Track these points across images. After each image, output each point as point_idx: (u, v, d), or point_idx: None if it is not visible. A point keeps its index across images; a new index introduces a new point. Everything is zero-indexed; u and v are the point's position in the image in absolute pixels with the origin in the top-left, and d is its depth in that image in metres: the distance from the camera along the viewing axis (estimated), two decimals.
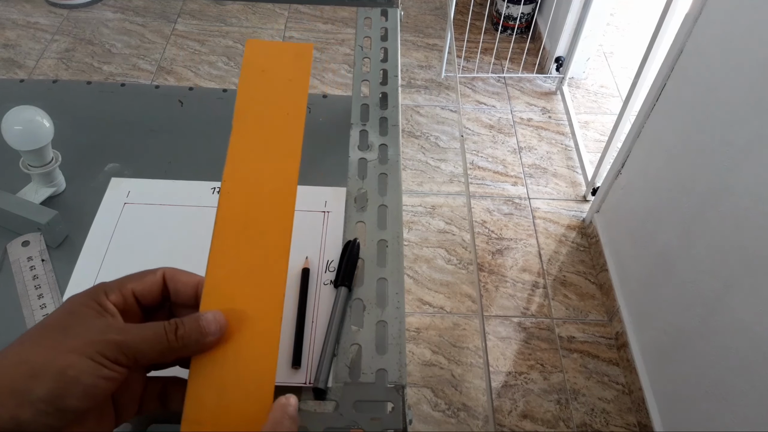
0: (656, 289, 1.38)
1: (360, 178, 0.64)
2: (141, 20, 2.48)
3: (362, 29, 0.81)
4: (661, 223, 1.37)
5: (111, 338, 0.32)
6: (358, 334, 0.52)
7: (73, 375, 0.31)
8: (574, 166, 2.01)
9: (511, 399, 1.46)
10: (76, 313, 0.34)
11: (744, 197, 1.07)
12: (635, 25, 2.61)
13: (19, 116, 0.60)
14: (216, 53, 2.34)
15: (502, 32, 2.50)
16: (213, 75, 2.25)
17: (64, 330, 0.33)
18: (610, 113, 2.20)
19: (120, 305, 0.35)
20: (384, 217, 0.61)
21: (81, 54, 2.30)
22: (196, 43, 2.38)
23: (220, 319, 0.36)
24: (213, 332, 0.35)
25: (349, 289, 0.56)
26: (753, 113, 1.06)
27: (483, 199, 1.89)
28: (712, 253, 1.16)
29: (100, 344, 0.32)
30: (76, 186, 0.67)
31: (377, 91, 0.74)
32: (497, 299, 1.64)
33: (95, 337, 0.32)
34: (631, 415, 1.44)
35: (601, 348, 1.55)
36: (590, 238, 1.78)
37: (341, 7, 2.43)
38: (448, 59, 2.26)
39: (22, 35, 2.36)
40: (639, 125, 1.49)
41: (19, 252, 0.60)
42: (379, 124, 0.70)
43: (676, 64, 1.33)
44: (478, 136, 2.10)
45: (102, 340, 0.32)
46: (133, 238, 0.62)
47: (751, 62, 1.07)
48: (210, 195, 0.67)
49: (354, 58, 0.77)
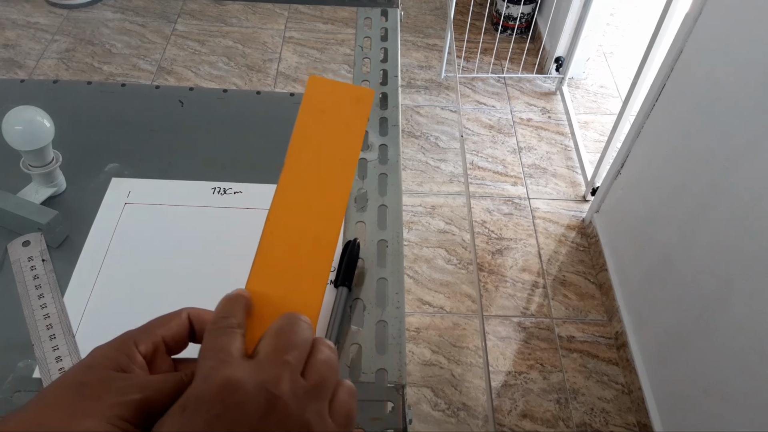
0: (656, 289, 1.38)
1: (360, 178, 0.65)
2: (141, 20, 2.48)
3: (362, 29, 0.81)
4: (661, 223, 1.38)
5: (132, 399, 0.30)
6: (358, 334, 0.53)
7: None
8: (574, 166, 2.01)
9: (511, 399, 1.46)
10: (95, 368, 0.31)
11: (744, 197, 1.07)
12: (635, 25, 2.61)
13: (19, 116, 0.60)
14: (216, 53, 2.34)
15: (502, 32, 2.50)
16: (213, 75, 2.25)
17: (81, 388, 0.30)
18: (610, 113, 2.20)
19: (149, 355, 0.33)
20: (384, 217, 0.61)
21: (81, 54, 2.30)
22: (197, 43, 2.38)
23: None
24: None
25: (349, 289, 0.56)
26: (753, 113, 1.06)
27: (483, 199, 1.89)
28: (712, 253, 1.16)
29: (121, 406, 0.29)
30: (77, 186, 0.67)
31: (377, 91, 0.74)
32: (497, 299, 1.64)
33: (115, 399, 0.30)
34: (630, 415, 1.44)
35: (600, 348, 1.55)
36: (590, 238, 1.78)
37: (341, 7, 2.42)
38: (448, 59, 2.26)
39: (22, 35, 2.36)
40: (639, 125, 1.49)
41: (20, 252, 0.60)
42: (379, 124, 0.70)
43: (676, 64, 1.33)
44: (478, 136, 2.10)
45: (122, 401, 0.30)
46: (134, 238, 0.62)
47: (751, 62, 1.07)
48: (210, 195, 0.67)
49: (354, 58, 0.77)
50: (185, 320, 0.36)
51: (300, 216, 0.38)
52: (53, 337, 0.54)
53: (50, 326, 0.54)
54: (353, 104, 0.40)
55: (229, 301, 0.35)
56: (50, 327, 0.54)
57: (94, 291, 0.58)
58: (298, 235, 0.38)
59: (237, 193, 0.67)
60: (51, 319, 0.55)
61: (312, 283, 0.37)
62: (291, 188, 0.38)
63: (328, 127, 0.39)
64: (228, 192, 0.68)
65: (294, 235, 0.38)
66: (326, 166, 0.39)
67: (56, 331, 0.54)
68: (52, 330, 0.54)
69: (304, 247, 0.38)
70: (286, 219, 0.38)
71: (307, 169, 0.39)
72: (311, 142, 0.39)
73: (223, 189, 0.68)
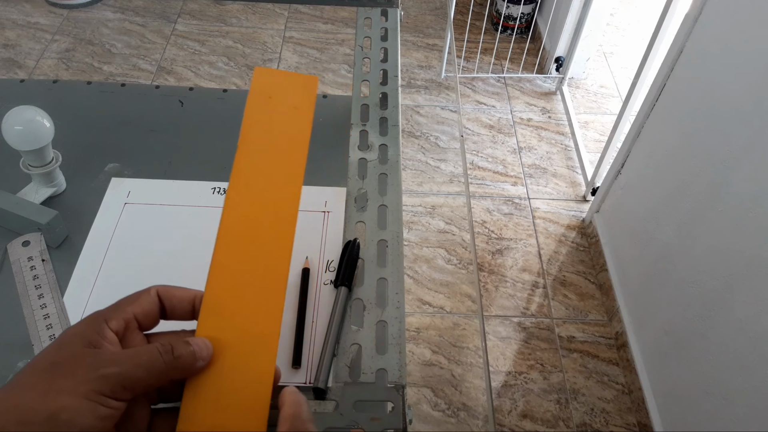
0: (656, 289, 1.38)
1: (360, 178, 0.64)
2: (141, 20, 2.48)
3: (362, 29, 0.81)
4: (660, 223, 1.37)
5: (105, 372, 0.30)
6: (358, 334, 0.52)
7: (67, 419, 0.29)
8: (574, 166, 2.01)
9: (511, 399, 1.46)
10: (66, 347, 0.32)
11: (744, 197, 1.07)
12: (635, 25, 2.61)
13: (19, 116, 0.60)
14: (216, 53, 2.34)
15: (502, 32, 2.50)
16: (213, 75, 2.25)
17: (54, 368, 0.31)
18: (610, 113, 2.20)
19: (121, 332, 0.34)
20: (384, 217, 0.61)
21: (81, 54, 2.30)
22: (196, 43, 2.38)
23: (210, 346, 0.35)
24: (204, 357, 0.35)
25: (349, 289, 0.56)
26: (753, 113, 1.06)
27: (483, 199, 1.89)
28: (712, 253, 1.16)
29: (95, 381, 0.30)
30: (77, 186, 0.67)
31: (377, 91, 0.74)
32: (497, 299, 1.64)
33: (88, 374, 0.30)
34: (630, 415, 1.44)
35: (600, 348, 1.55)
36: (590, 238, 1.78)
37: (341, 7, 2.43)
38: (448, 59, 2.26)
39: (22, 35, 2.36)
40: (639, 125, 1.49)
41: (20, 252, 0.60)
42: (379, 124, 0.70)
43: (676, 64, 1.33)
44: (478, 136, 2.10)
45: (96, 376, 0.30)
46: (134, 238, 0.62)
47: (750, 62, 1.07)
48: (210, 195, 0.67)
49: (354, 58, 0.77)
50: (154, 297, 0.36)
51: (258, 195, 0.38)
52: (53, 337, 0.54)
53: (50, 326, 0.54)
54: (300, 90, 0.41)
55: (305, 402, 0.35)
56: (50, 327, 0.54)
57: (94, 291, 0.58)
58: (257, 214, 0.38)
59: None
60: (51, 319, 0.55)
61: (274, 276, 0.37)
62: (246, 172, 0.39)
63: (277, 111, 0.40)
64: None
65: (253, 217, 0.38)
66: (279, 147, 0.40)
67: (56, 331, 0.54)
68: (51, 330, 0.54)
69: (263, 229, 0.38)
70: (243, 202, 0.38)
71: (261, 151, 0.39)
72: (262, 126, 0.40)
73: (223, 189, 0.68)
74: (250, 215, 0.38)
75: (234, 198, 0.38)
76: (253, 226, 0.38)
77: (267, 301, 0.37)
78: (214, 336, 0.36)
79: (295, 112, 0.41)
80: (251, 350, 0.36)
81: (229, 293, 0.37)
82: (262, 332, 0.36)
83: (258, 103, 0.40)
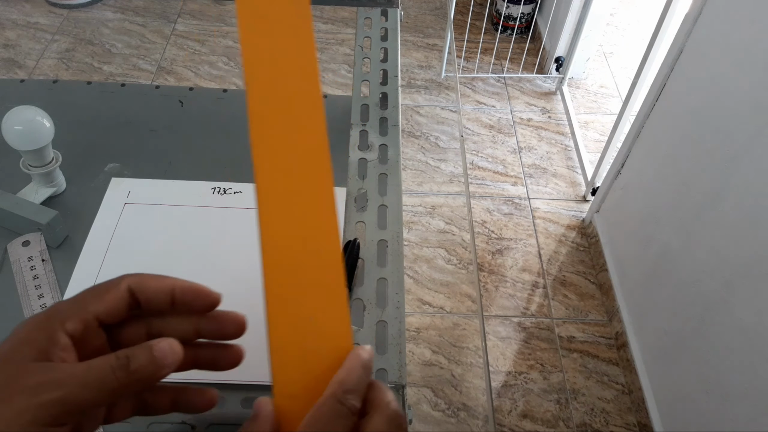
0: (656, 289, 1.38)
1: (360, 178, 0.64)
2: (141, 20, 2.48)
3: (362, 29, 0.81)
4: (660, 223, 1.37)
5: (46, 399, 0.27)
6: (358, 334, 0.52)
7: None
8: (574, 166, 2.01)
9: (511, 399, 1.46)
10: (9, 362, 0.28)
11: (744, 197, 1.07)
12: (635, 25, 2.61)
13: (19, 116, 0.60)
14: (216, 53, 2.34)
15: (502, 32, 2.50)
16: (213, 75, 2.25)
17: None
18: (610, 113, 2.20)
19: (78, 334, 0.30)
20: (384, 217, 0.61)
21: (81, 54, 2.30)
22: (196, 43, 2.38)
23: (176, 348, 0.31)
24: (169, 364, 0.30)
25: (349, 289, 0.56)
26: (753, 113, 1.06)
27: (483, 199, 1.89)
28: (712, 253, 1.16)
29: (34, 410, 0.27)
30: (77, 186, 0.67)
31: (377, 91, 0.74)
32: (497, 299, 1.64)
33: (29, 401, 0.27)
34: (630, 415, 1.44)
35: (600, 348, 1.55)
36: (590, 238, 1.78)
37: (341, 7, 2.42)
38: (448, 59, 2.26)
39: (22, 35, 2.36)
40: (639, 125, 1.49)
41: (20, 252, 0.60)
42: (379, 124, 0.70)
43: (676, 64, 1.33)
44: (478, 136, 2.10)
45: (36, 404, 0.27)
46: (134, 238, 0.62)
47: (750, 62, 1.07)
48: (210, 195, 0.67)
49: (354, 58, 0.77)
50: (123, 293, 0.33)
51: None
52: None
53: None
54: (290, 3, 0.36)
55: (362, 368, 0.31)
56: None
57: None
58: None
59: (237, 193, 0.67)
60: None
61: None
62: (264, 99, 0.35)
63: (275, 30, 0.35)
64: (228, 192, 0.68)
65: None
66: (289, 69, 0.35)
67: None
68: None
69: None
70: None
71: (272, 81, 0.35)
72: (265, 51, 0.35)
73: (223, 189, 0.68)
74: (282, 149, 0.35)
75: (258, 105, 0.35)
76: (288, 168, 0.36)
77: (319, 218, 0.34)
78: (281, 293, 0.32)
79: (295, 28, 0.35)
80: (319, 289, 0.33)
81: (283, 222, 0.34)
82: (319, 249, 0.33)
83: (251, 23, 0.35)
